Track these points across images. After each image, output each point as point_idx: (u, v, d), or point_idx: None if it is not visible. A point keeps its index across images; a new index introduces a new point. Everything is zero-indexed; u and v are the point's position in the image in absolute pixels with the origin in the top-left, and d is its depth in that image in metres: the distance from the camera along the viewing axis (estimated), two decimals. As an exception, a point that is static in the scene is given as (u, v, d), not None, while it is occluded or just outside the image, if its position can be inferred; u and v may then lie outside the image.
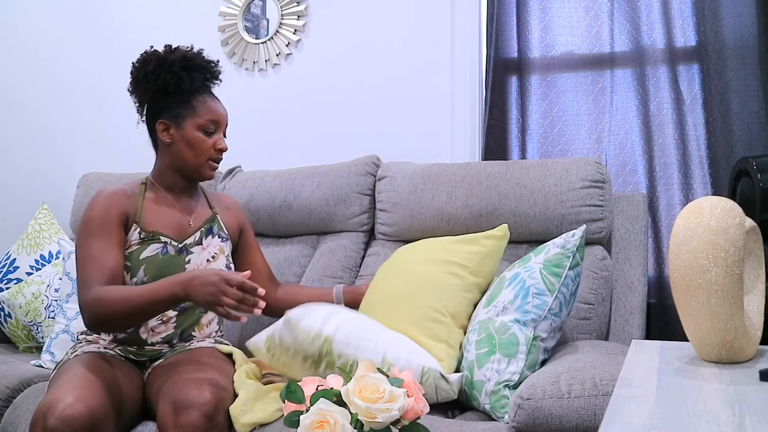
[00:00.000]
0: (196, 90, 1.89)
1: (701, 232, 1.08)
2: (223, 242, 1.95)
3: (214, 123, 1.89)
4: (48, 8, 3.18)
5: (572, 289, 1.70)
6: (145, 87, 1.88)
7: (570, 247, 1.70)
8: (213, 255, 1.91)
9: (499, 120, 2.45)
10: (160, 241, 1.84)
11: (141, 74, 1.88)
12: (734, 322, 1.07)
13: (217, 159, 1.91)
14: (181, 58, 1.87)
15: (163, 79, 1.85)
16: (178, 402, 1.53)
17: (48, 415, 1.47)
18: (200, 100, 1.88)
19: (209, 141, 1.88)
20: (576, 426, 1.37)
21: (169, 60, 1.86)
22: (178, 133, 1.87)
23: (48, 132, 3.17)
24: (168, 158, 1.91)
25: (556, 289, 1.67)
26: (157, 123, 1.89)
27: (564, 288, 1.68)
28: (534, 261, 1.72)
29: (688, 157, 2.26)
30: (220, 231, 1.95)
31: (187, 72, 1.86)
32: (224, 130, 1.93)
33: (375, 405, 1.33)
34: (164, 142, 1.89)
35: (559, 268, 1.68)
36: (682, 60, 2.29)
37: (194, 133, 1.87)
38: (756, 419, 0.83)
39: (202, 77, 1.90)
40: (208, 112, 1.88)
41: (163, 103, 1.88)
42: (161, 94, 1.88)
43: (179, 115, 1.87)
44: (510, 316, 1.67)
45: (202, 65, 1.90)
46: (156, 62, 1.86)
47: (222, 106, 1.93)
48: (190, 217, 1.92)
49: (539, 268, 1.69)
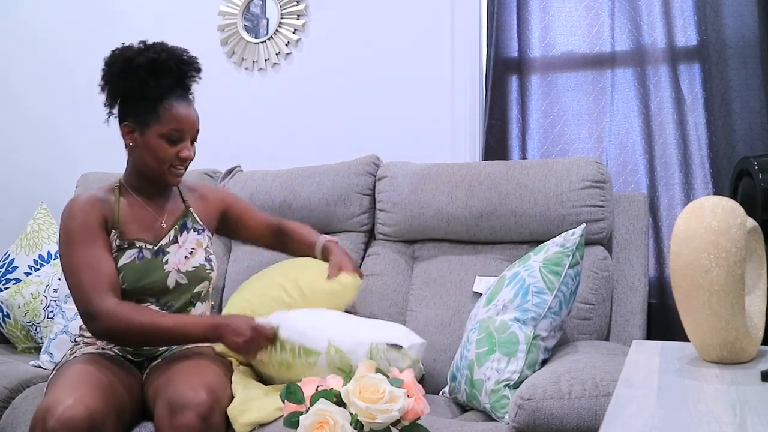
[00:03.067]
0: (163, 95, 1.78)
1: (702, 232, 1.08)
2: (199, 235, 1.92)
3: (179, 132, 1.79)
4: (48, 8, 3.18)
5: (572, 287, 1.70)
6: (111, 88, 1.83)
7: (569, 245, 1.69)
8: (191, 251, 1.88)
9: (499, 120, 2.45)
10: (135, 246, 1.81)
11: (107, 75, 1.82)
12: (735, 322, 1.07)
13: (180, 166, 1.83)
14: (149, 61, 1.77)
15: (129, 82, 1.78)
16: (173, 402, 1.53)
17: (47, 417, 1.47)
18: (166, 107, 1.78)
19: (172, 150, 1.79)
20: (577, 426, 1.36)
21: (134, 63, 1.77)
22: (141, 139, 1.80)
23: (48, 132, 3.17)
24: (134, 161, 1.86)
25: (556, 287, 1.67)
26: (123, 125, 1.83)
27: (564, 286, 1.68)
28: (533, 260, 1.72)
29: (689, 157, 2.25)
30: (194, 224, 1.93)
31: (155, 76, 1.77)
32: (194, 136, 1.85)
33: (375, 405, 1.32)
34: (129, 146, 1.84)
35: (559, 267, 1.68)
36: (683, 59, 2.29)
37: (156, 140, 1.79)
38: (757, 420, 0.83)
39: (172, 81, 1.80)
40: (173, 121, 1.78)
41: (129, 106, 1.81)
42: (128, 96, 1.82)
43: (144, 122, 1.79)
44: (510, 314, 1.67)
45: (174, 67, 1.81)
46: (122, 64, 1.79)
47: (191, 112, 1.82)
48: (162, 217, 1.89)
49: (539, 267, 1.69)
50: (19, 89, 3.20)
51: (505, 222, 2.08)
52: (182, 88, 1.84)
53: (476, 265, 2.10)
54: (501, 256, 2.10)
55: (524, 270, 1.71)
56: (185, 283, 1.84)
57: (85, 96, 3.11)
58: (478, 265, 2.10)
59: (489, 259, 2.11)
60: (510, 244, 2.13)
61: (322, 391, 1.38)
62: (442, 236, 2.19)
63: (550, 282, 1.67)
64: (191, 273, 1.85)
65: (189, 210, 1.94)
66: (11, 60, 3.21)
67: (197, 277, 1.87)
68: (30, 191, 3.12)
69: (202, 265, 1.88)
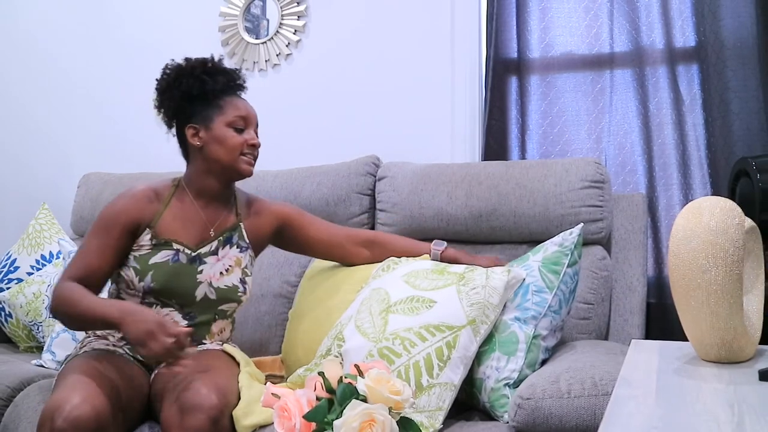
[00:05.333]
0: (220, 91, 1.87)
1: (701, 232, 1.08)
2: (241, 253, 1.90)
3: (243, 119, 1.86)
4: (48, 8, 3.18)
5: (571, 287, 1.70)
6: (170, 95, 1.86)
7: (568, 245, 1.70)
8: (227, 268, 1.86)
9: (499, 120, 2.46)
10: (173, 248, 1.81)
11: (165, 84, 1.87)
12: (734, 322, 1.08)
13: (250, 154, 1.87)
14: (201, 63, 1.87)
15: (186, 84, 1.84)
16: (184, 404, 1.54)
17: (55, 416, 1.48)
18: (226, 100, 1.87)
19: (240, 137, 1.85)
20: (576, 426, 1.37)
21: (188, 66, 1.86)
22: (207, 135, 1.84)
23: (49, 132, 3.17)
24: (200, 163, 1.87)
25: (555, 286, 1.67)
26: (186, 128, 1.86)
27: (563, 285, 1.68)
28: (532, 260, 1.73)
29: (688, 158, 2.26)
30: (240, 241, 1.90)
31: (210, 75, 1.86)
32: (255, 129, 1.90)
33: (399, 396, 1.34)
34: (195, 147, 1.86)
35: (558, 266, 1.69)
36: (682, 60, 2.30)
37: (224, 129, 1.84)
38: (755, 419, 0.84)
39: (224, 80, 1.88)
40: (236, 109, 1.86)
41: (189, 109, 1.86)
42: (187, 100, 1.86)
43: (207, 117, 1.85)
44: (510, 314, 1.67)
45: (224, 70, 1.90)
46: (177, 71, 1.87)
47: (250, 106, 1.91)
48: (213, 225, 1.88)
49: (538, 266, 1.70)
50: (19, 89, 3.20)
51: (505, 222, 2.09)
52: (234, 88, 1.92)
53: (476, 265, 2.11)
54: (500, 256, 2.11)
55: (523, 269, 1.72)
56: (214, 298, 1.83)
57: (86, 96, 3.11)
58: (477, 264, 2.11)
59: (489, 258, 2.11)
60: (509, 244, 2.14)
61: (350, 390, 1.36)
62: (442, 236, 2.19)
63: (549, 281, 1.68)
64: (222, 291, 1.84)
65: (239, 225, 1.92)
66: (11, 60, 3.21)
67: (227, 297, 1.85)
68: (32, 191, 3.12)
69: (235, 286, 1.86)
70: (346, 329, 1.71)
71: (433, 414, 1.53)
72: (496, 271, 1.69)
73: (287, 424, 1.36)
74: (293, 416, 1.35)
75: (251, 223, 1.95)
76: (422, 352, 1.57)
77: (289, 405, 1.38)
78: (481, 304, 1.63)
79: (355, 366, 1.40)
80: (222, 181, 1.89)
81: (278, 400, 1.39)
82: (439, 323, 1.61)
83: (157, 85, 1.89)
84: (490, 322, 1.64)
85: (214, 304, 1.84)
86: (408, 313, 1.64)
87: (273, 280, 2.31)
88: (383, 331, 1.63)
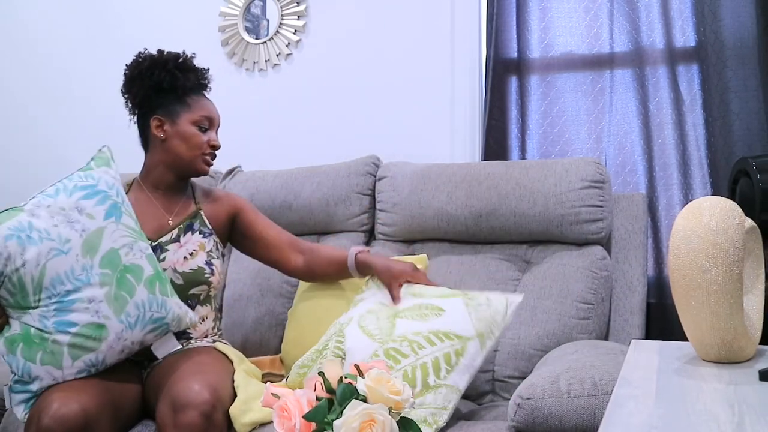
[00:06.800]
0: (190, 89, 1.92)
1: (701, 232, 1.08)
2: (204, 238, 1.92)
3: (208, 120, 1.93)
4: (48, 8, 3.18)
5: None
6: (140, 84, 1.91)
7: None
8: (191, 252, 1.88)
9: (498, 120, 2.46)
10: None
11: (135, 72, 1.91)
12: (734, 322, 1.08)
13: (210, 155, 1.93)
14: (175, 57, 1.92)
15: (158, 76, 1.89)
16: (176, 401, 1.54)
17: (42, 414, 1.49)
18: (194, 98, 1.93)
19: (203, 137, 1.91)
20: (575, 426, 1.37)
21: (163, 59, 1.91)
22: (172, 129, 1.90)
23: (47, 132, 3.17)
24: (160, 155, 1.92)
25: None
26: (152, 119, 1.91)
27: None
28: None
29: (688, 158, 2.26)
30: (202, 227, 1.94)
31: (182, 71, 1.91)
32: (217, 131, 1.96)
33: (399, 396, 1.33)
34: (158, 138, 1.91)
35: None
36: (682, 60, 2.30)
37: (188, 127, 1.90)
38: (755, 419, 0.84)
39: (195, 78, 1.93)
40: (203, 109, 1.92)
41: (157, 100, 1.91)
42: (155, 91, 1.91)
43: (174, 112, 1.90)
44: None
45: (195, 68, 1.95)
46: (150, 61, 1.91)
47: (215, 108, 1.97)
48: (171, 215, 1.92)
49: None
50: (18, 89, 3.20)
51: (505, 222, 2.09)
52: (202, 87, 1.97)
53: (476, 265, 2.11)
54: (501, 256, 2.11)
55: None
56: (181, 283, 1.84)
57: (84, 96, 3.11)
58: (477, 265, 2.11)
59: (489, 259, 2.11)
60: (510, 244, 2.14)
61: (350, 390, 1.35)
62: (442, 236, 2.19)
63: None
64: (188, 274, 1.85)
65: (199, 212, 1.96)
66: (10, 60, 3.21)
67: (194, 280, 1.86)
68: (29, 191, 3.11)
69: (201, 268, 1.87)
70: (347, 327, 1.71)
71: (438, 412, 1.53)
72: (496, 295, 1.73)
73: (287, 424, 1.36)
74: (293, 416, 1.35)
75: (211, 209, 1.99)
76: (430, 354, 1.58)
77: (288, 405, 1.37)
78: (488, 321, 1.65)
79: (355, 366, 1.40)
80: (178, 175, 1.94)
81: (278, 400, 1.39)
82: (448, 330, 1.61)
83: (127, 70, 1.94)
84: (494, 339, 1.65)
85: (183, 288, 1.84)
86: (417, 318, 1.65)
87: (273, 280, 2.31)
88: (390, 334, 1.63)
